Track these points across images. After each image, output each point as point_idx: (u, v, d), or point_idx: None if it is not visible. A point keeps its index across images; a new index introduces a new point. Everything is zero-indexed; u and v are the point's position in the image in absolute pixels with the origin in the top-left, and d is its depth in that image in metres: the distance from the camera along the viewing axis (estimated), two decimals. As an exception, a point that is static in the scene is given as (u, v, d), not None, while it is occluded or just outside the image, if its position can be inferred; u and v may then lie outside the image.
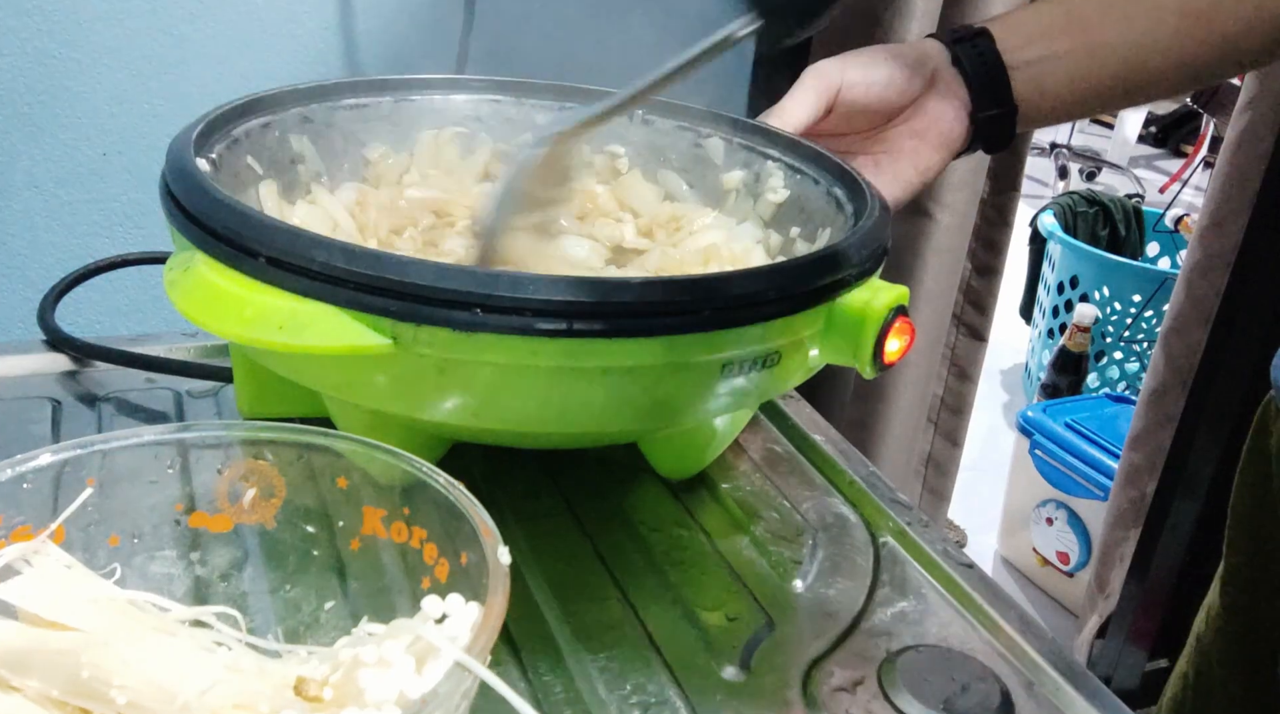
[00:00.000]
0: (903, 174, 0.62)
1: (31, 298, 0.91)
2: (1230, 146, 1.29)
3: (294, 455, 0.39)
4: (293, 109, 0.59)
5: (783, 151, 0.61)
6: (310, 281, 0.41)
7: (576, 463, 0.57)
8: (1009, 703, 0.43)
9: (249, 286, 0.42)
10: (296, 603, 0.40)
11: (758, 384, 0.47)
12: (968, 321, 1.37)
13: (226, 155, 0.53)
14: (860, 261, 0.48)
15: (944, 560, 0.51)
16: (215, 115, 0.54)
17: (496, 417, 0.45)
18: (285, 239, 0.42)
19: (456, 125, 0.65)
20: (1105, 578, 1.49)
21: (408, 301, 0.40)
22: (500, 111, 0.65)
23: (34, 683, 0.31)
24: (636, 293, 0.42)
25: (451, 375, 0.43)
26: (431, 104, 0.64)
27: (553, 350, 0.41)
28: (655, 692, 0.43)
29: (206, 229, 0.44)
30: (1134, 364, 2.22)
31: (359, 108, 0.62)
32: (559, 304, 0.41)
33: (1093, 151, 3.90)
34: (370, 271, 0.41)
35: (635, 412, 0.46)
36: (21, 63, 0.84)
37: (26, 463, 0.36)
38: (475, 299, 0.40)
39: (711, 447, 0.55)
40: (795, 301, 0.45)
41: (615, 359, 0.42)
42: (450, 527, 0.36)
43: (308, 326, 0.41)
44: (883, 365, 0.47)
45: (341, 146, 0.61)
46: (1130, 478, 1.43)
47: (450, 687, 0.29)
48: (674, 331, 0.42)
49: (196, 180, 0.46)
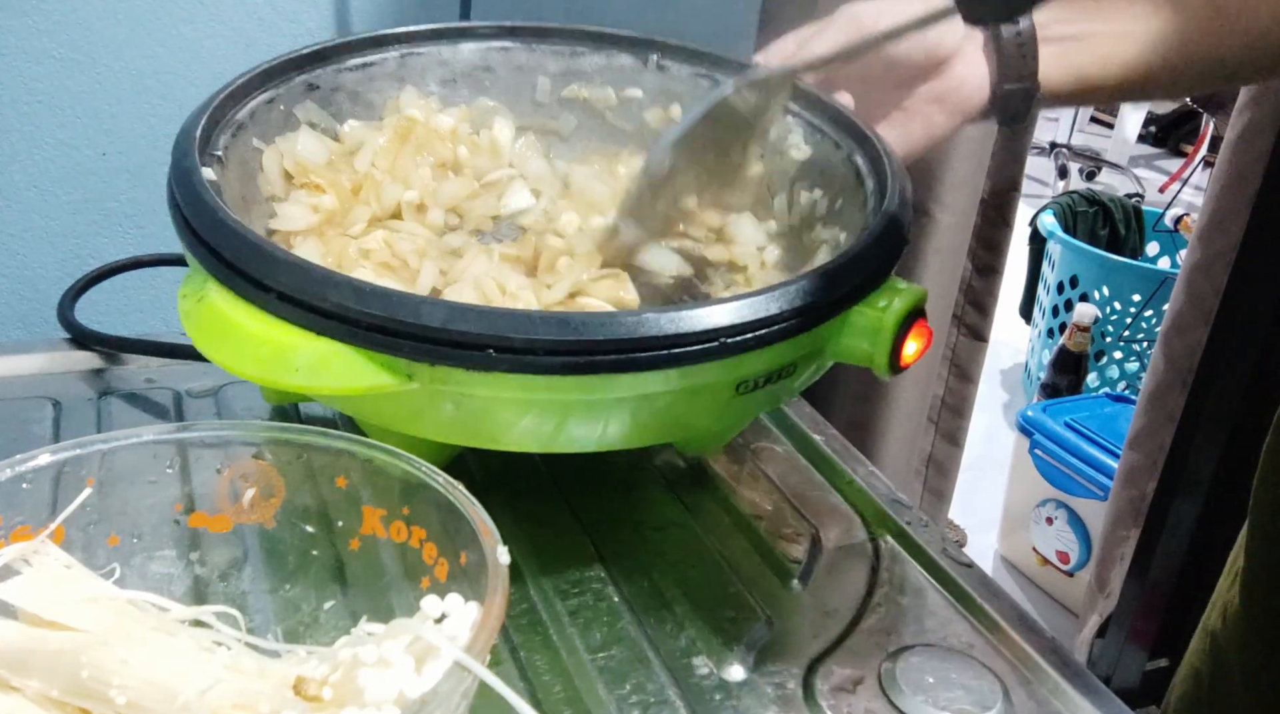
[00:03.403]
0: (912, 135, 0.60)
1: (31, 298, 0.91)
2: (1230, 146, 1.29)
3: (293, 455, 0.39)
4: (296, 77, 0.57)
5: (804, 107, 0.59)
6: (324, 320, 0.41)
7: (576, 463, 0.57)
8: (1009, 702, 0.43)
9: (263, 321, 0.42)
10: (296, 603, 0.40)
11: (771, 393, 0.47)
12: (968, 322, 1.36)
13: (233, 146, 0.52)
14: (878, 267, 0.47)
15: (944, 560, 0.51)
16: (219, 99, 0.52)
17: (513, 441, 0.45)
18: (297, 276, 0.41)
19: (465, 75, 0.62)
20: (1105, 578, 1.49)
21: (421, 342, 0.40)
22: (511, 59, 0.63)
23: (34, 683, 0.31)
24: (648, 327, 0.41)
25: (467, 408, 0.43)
26: (440, 55, 0.61)
27: (567, 386, 0.41)
28: (655, 692, 0.43)
29: (220, 259, 0.43)
30: (1134, 364, 2.22)
31: (365, 67, 0.59)
32: (570, 343, 0.40)
33: (1093, 151, 3.90)
34: (383, 312, 0.40)
35: (650, 431, 0.46)
36: (21, 63, 0.84)
37: (26, 463, 0.36)
38: (487, 340, 0.40)
39: (731, 431, 0.55)
40: (810, 318, 0.44)
41: (629, 390, 0.42)
42: (450, 526, 0.36)
43: (324, 368, 0.41)
44: (899, 368, 0.47)
45: (349, 109, 0.59)
46: (1130, 478, 1.43)
47: (450, 686, 0.29)
48: (687, 362, 0.42)
49: (205, 202, 0.45)
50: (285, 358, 0.41)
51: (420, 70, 0.61)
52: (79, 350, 0.63)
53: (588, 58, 0.63)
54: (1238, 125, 1.27)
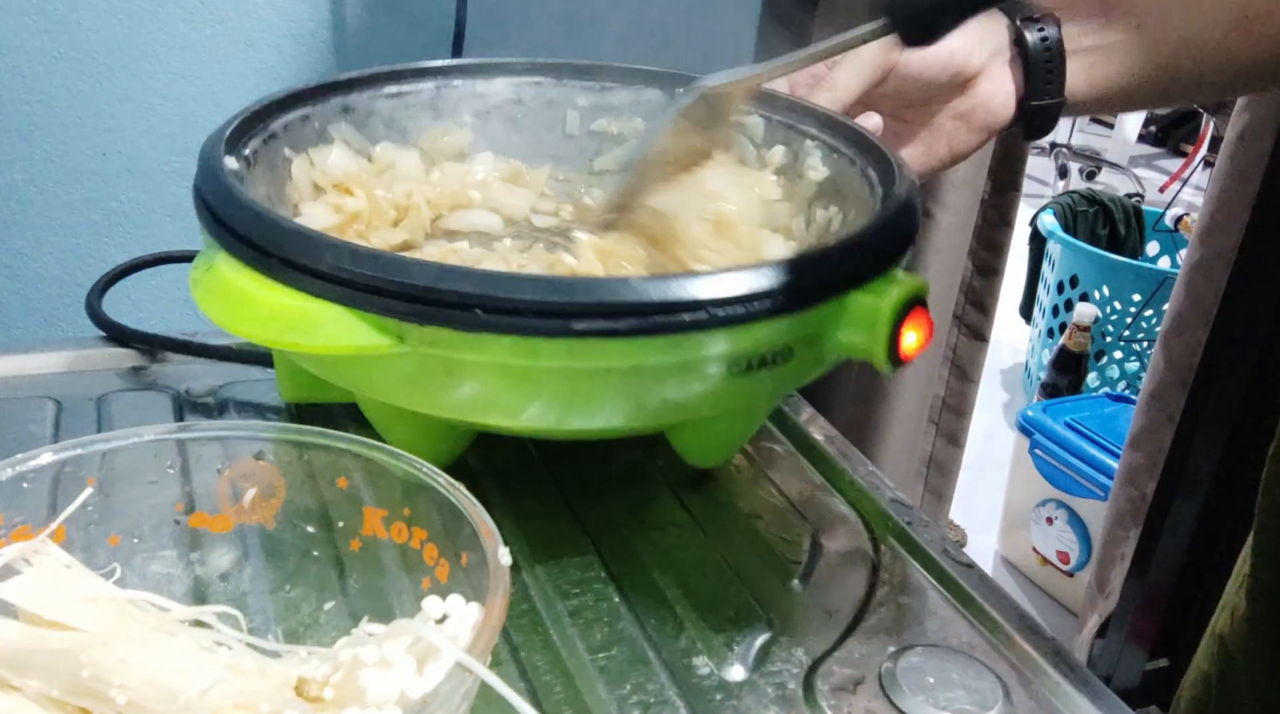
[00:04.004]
0: (936, 151, 0.61)
1: (31, 298, 0.91)
2: (1230, 146, 1.29)
3: (294, 455, 0.39)
4: (333, 99, 0.59)
5: (820, 129, 0.59)
6: (319, 282, 0.42)
7: (577, 462, 0.57)
8: (1009, 702, 0.43)
9: (264, 286, 0.43)
10: (296, 603, 0.40)
11: (770, 380, 0.46)
12: (969, 322, 1.37)
13: (262, 150, 0.54)
14: (875, 252, 0.47)
15: (944, 560, 0.51)
16: (249, 112, 0.54)
17: (505, 414, 0.45)
18: (297, 240, 0.43)
19: (498, 108, 0.65)
20: (1105, 577, 1.49)
21: (410, 302, 0.41)
22: (542, 94, 0.65)
23: (34, 683, 0.31)
24: (635, 292, 0.41)
25: (458, 374, 0.43)
26: (474, 89, 0.64)
27: (554, 350, 0.41)
28: (655, 692, 0.43)
29: (226, 228, 0.45)
30: (1134, 363, 2.22)
31: (400, 95, 0.62)
32: (557, 305, 0.41)
33: (1093, 151, 3.89)
34: (374, 272, 0.41)
35: (643, 410, 0.46)
36: (21, 63, 0.84)
37: (26, 462, 0.36)
38: (475, 300, 0.40)
39: (737, 436, 0.55)
40: (803, 297, 0.44)
41: (617, 359, 0.42)
42: (450, 527, 0.36)
43: (317, 327, 0.42)
44: (900, 361, 0.46)
45: (383, 134, 0.62)
46: (1130, 477, 1.43)
47: (451, 687, 0.29)
48: (675, 331, 0.42)
49: (220, 179, 0.47)
50: (282, 319, 0.43)
51: (455, 102, 0.64)
52: (81, 350, 0.63)
53: (616, 93, 0.65)
54: (1238, 125, 1.27)
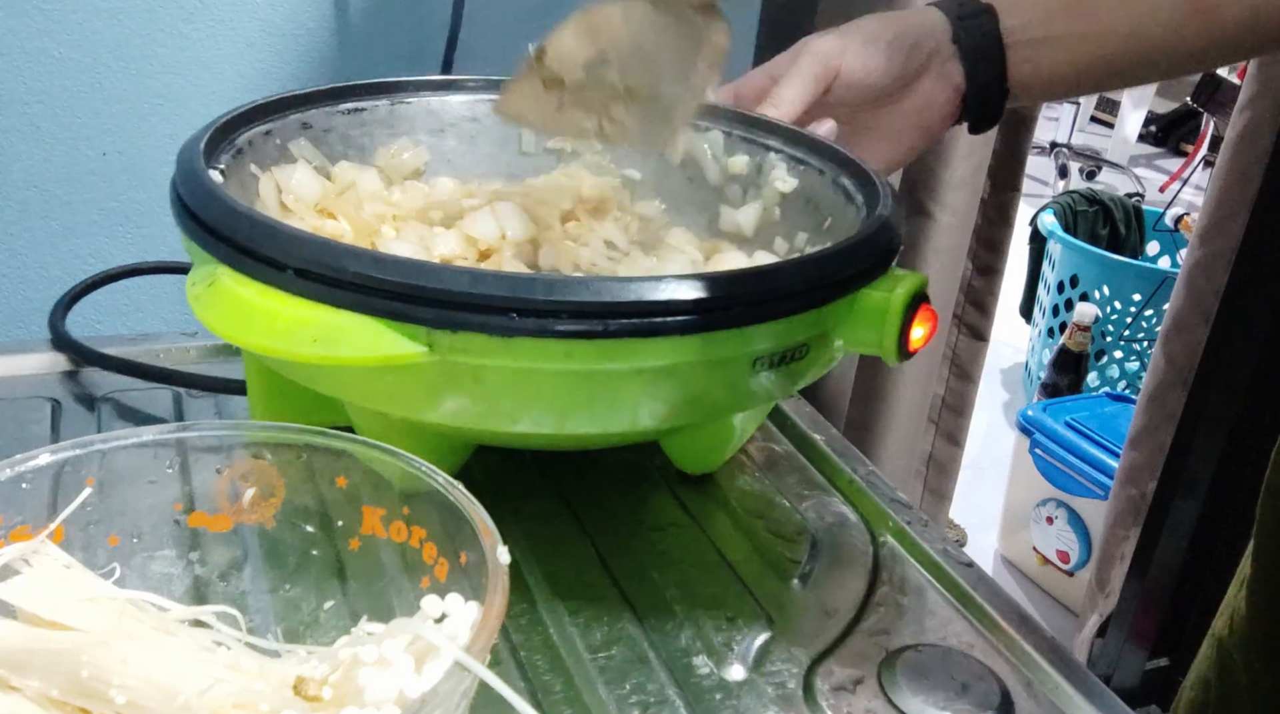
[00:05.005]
0: (887, 153, 0.62)
1: (31, 297, 0.91)
2: (1230, 145, 1.29)
3: (293, 455, 0.39)
4: (291, 115, 0.59)
5: (783, 143, 0.60)
6: (343, 292, 0.41)
7: (576, 463, 0.57)
8: (1009, 702, 0.43)
9: (278, 299, 0.42)
10: (296, 602, 0.40)
11: (785, 377, 0.47)
12: (969, 321, 1.37)
13: (233, 165, 0.54)
14: (885, 251, 0.48)
15: (944, 560, 0.51)
16: (220, 124, 0.54)
17: (531, 420, 0.45)
18: (315, 250, 0.42)
19: (453, 125, 0.64)
20: (1105, 577, 1.49)
21: (443, 308, 0.41)
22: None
23: (34, 683, 0.31)
24: (669, 291, 0.42)
25: (487, 382, 0.43)
26: (428, 106, 0.64)
27: (588, 352, 0.41)
28: (655, 691, 0.43)
29: (230, 243, 0.44)
30: (1134, 363, 2.22)
31: (356, 112, 0.62)
32: (593, 306, 0.41)
33: (1093, 150, 3.90)
34: (404, 279, 0.41)
35: (667, 410, 0.46)
36: (21, 63, 0.84)
37: (26, 463, 0.36)
38: (510, 304, 0.40)
39: (732, 442, 0.56)
40: (826, 292, 0.45)
41: (650, 358, 0.43)
42: (450, 526, 0.36)
43: (342, 338, 0.41)
44: (908, 353, 0.48)
45: (341, 151, 0.61)
46: (1130, 477, 1.43)
47: (450, 686, 0.29)
48: (706, 329, 0.42)
49: (215, 194, 0.46)
50: (302, 331, 0.42)
51: (409, 119, 0.63)
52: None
53: None
54: (1238, 125, 1.27)
